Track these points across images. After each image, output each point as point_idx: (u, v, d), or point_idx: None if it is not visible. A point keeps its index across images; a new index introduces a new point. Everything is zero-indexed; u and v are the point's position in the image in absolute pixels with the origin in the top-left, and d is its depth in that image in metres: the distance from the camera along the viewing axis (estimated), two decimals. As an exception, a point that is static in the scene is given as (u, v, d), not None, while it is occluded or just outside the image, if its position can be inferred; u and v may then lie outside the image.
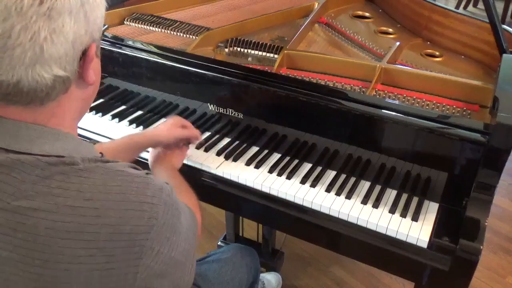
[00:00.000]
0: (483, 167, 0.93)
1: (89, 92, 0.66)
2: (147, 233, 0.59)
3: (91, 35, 0.60)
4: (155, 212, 0.60)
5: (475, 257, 0.88)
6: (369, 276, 1.83)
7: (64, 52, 0.56)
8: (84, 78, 0.62)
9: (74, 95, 0.62)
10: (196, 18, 1.52)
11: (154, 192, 0.61)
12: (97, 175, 0.59)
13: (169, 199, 0.64)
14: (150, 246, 0.60)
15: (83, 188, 0.58)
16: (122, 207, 0.58)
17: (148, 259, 0.60)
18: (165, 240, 0.62)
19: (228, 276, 1.13)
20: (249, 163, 1.15)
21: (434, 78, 1.15)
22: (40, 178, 0.57)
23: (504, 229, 2.08)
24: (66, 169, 0.58)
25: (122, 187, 0.60)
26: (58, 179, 0.57)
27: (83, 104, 0.67)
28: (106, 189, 0.59)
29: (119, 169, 0.62)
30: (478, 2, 4.70)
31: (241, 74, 1.14)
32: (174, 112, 1.30)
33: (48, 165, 0.58)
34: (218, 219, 2.08)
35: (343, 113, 1.06)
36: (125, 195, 0.59)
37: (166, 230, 0.62)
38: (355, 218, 1.00)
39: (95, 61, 0.63)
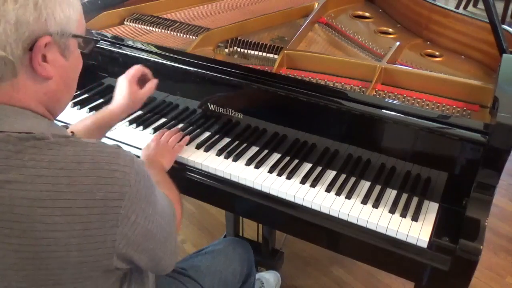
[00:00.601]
0: (483, 167, 0.93)
1: (51, 87, 0.67)
2: (120, 200, 0.61)
3: (43, 26, 0.61)
4: (127, 180, 0.62)
5: (475, 257, 0.88)
6: (369, 276, 1.83)
7: (3, 32, 0.57)
8: (34, 68, 0.62)
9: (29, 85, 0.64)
10: (196, 18, 1.52)
11: (125, 161, 0.63)
12: (68, 148, 0.61)
13: (140, 169, 0.65)
14: (125, 214, 0.62)
15: (55, 159, 0.59)
16: (95, 175, 0.60)
17: (125, 228, 0.62)
18: (140, 211, 0.64)
19: (221, 266, 1.13)
20: (249, 163, 1.15)
21: (434, 78, 1.15)
22: (12, 153, 0.59)
23: (504, 229, 2.08)
24: (38, 143, 0.60)
25: (94, 156, 0.61)
26: (31, 152, 0.59)
27: (48, 98, 0.67)
28: (78, 158, 0.60)
29: (90, 142, 0.64)
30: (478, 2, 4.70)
31: (241, 74, 1.14)
32: (174, 112, 1.30)
33: (19, 140, 0.60)
34: (218, 219, 2.08)
35: (343, 113, 1.06)
36: (97, 163, 0.61)
37: (140, 200, 0.64)
38: (355, 218, 1.00)
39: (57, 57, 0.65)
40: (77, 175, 0.59)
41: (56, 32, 0.63)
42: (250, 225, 1.72)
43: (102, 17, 1.44)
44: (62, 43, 0.65)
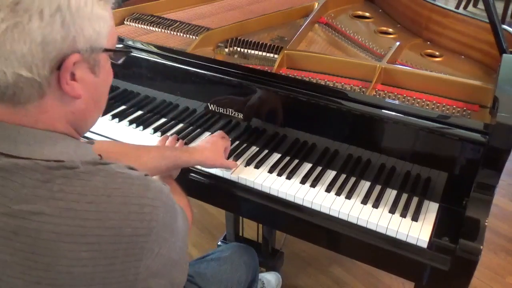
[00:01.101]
0: (483, 167, 0.93)
1: (79, 107, 0.63)
2: (147, 235, 0.59)
3: (71, 44, 0.56)
4: (155, 214, 0.60)
5: (475, 257, 0.88)
6: (369, 276, 1.83)
7: (29, 52, 0.54)
8: (62, 88, 0.59)
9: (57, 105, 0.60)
10: (196, 18, 1.52)
11: (154, 194, 0.61)
12: (98, 178, 0.59)
13: (168, 200, 0.64)
14: (150, 248, 0.60)
15: (84, 191, 0.57)
16: (124, 210, 0.58)
17: (148, 260, 0.60)
18: (164, 242, 0.62)
19: (227, 275, 1.13)
20: (249, 163, 1.15)
21: (434, 78, 1.15)
22: (41, 182, 0.56)
23: (504, 229, 2.08)
24: (67, 173, 0.58)
25: (123, 189, 0.59)
26: (59, 183, 0.57)
27: (75, 118, 0.64)
28: (107, 192, 0.58)
29: (119, 171, 0.61)
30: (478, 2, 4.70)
31: (241, 74, 1.14)
32: (174, 112, 1.30)
33: (48, 169, 0.57)
34: (218, 219, 2.08)
35: (343, 113, 1.06)
36: (127, 197, 0.59)
37: (165, 232, 0.62)
38: (355, 218, 1.00)
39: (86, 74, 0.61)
40: (107, 210, 0.57)
41: (85, 49, 0.58)
42: (250, 225, 1.72)
43: (102, 17, 1.44)
44: (91, 59, 0.61)
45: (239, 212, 1.45)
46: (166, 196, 0.64)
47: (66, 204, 0.56)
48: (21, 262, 0.56)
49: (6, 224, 0.56)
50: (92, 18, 0.58)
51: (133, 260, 0.59)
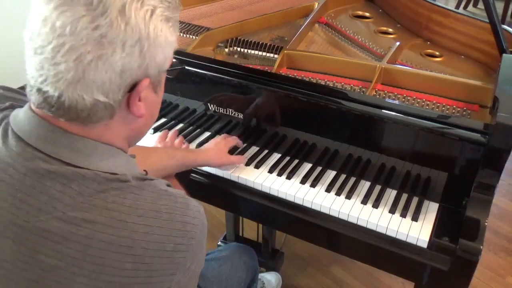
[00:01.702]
0: (483, 167, 0.93)
1: (139, 124, 0.66)
2: (185, 252, 0.62)
3: (145, 70, 0.59)
4: (194, 232, 0.63)
5: (475, 257, 0.88)
6: (369, 276, 1.83)
7: (109, 80, 0.56)
8: (131, 110, 0.62)
9: (121, 124, 0.63)
10: (196, 18, 1.52)
11: (194, 213, 0.64)
12: (147, 193, 0.61)
13: (204, 219, 0.67)
14: (184, 264, 0.62)
15: (136, 204, 0.59)
16: (169, 226, 0.60)
17: (180, 275, 0.63)
18: (195, 258, 0.65)
19: (227, 275, 1.13)
20: (249, 163, 1.15)
21: (434, 78, 1.15)
22: (97, 192, 0.58)
23: (504, 229, 2.08)
24: (120, 185, 0.60)
25: (169, 206, 0.62)
26: (113, 194, 0.59)
27: (133, 133, 0.67)
28: (155, 207, 0.61)
29: (163, 188, 0.64)
30: (478, 2, 4.70)
31: (241, 74, 1.14)
32: (174, 112, 1.30)
33: (105, 180, 0.59)
34: (218, 219, 2.08)
35: (343, 113, 1.06)
36: (172, 214, 0.61)
37: (198, 249, 0.65)
38: (355, 218, 1.00)
39: (149, 94, 0.64)
40: (154, 224, 0.59)
41: (155, 73, 0.62)
42: (250, 225, 1.72)
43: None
44: (156, 81, 0.64)
45: (239, 212, 1.45)
46: (203, 215, 0.67)
47: (118, 215, 0.58)
48: (66, 267, 0.57)
49: (58, 229, 0.57)
50: (164, 45, 0.60)
51: (169, 274, 0.61)
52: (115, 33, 0.54)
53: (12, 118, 0.62)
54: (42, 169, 0.58)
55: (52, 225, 0.57)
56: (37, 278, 0.58)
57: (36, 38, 0.55)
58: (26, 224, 0.58)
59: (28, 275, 0.58)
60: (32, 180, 0.58)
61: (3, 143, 0.61)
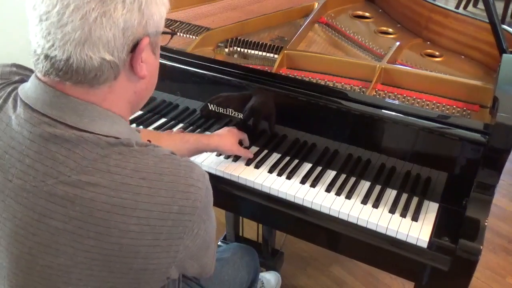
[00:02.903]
0: (483, 167, 0.93)
1: (142, 86, 0.68)
2: (191, 215, 0.63)
3: (144, 28, 0.61)
4: (199, 195, 0.64)
5: (475, 257, 0.88)
6: (369, 276, 1.83)
7: (113, 37, 0.58)
8: (134, 70, 0.64)
9: (125, 85, 0.65)
10: (196, 18, 1.52)
11: (198, 176, 0.65)
12: (149, 157, 0.63)
13: (209, 184, 0.68)
14: (191, 227, 0.64)
15: (138, 167, 0.61)
16: (173, 188, 0.62)
17: (188, 240, 0.64)
18: (202, 223, 0.66)
19: (229, 276, 1.14)
20: (249, 163, 1.15)
21: (434, 78, 1.15)
22: (100, 156, 0.60)
23: (504, 229, 2.08)
24: (123, 149, 0.62)
25: (172, 169, 0.63)
26: (116, 158, 0.61)
27: (135, 97, 0.68)
28: (159, 170, 0.62)
29: (166, 154, 0.65)
30: (478, 2, 4.70)
31: (241, 74, 1.14)
32: (174, 112, 1.30)
33: (108, 144, 0.61)
34: (218, 219, 2.07)
35: (343, 113, 1.06)
36: (175, 176, 0.63)
37: (204, 213, 0.66)
38: (355, 218, 1.00)
39: (149, 56, 0.66)
40: (157, 186, 0.61)
41: (152, 32, 0.63)
42: (250, 225, 1.72)
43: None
44: (154, 42, 0.66)
45: (239, 212, 1.45)
46: (208, 180, 0.67)
47: (121, 179, 0.60)
48: (73, 230, 0.59)
49: (64, 192, 0.59)
50: (158, 3, 0.63)
51: (176, 238, 0.62)
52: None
53: (21, 88, 0.65)
54: (48, 134, 0.60)
55: (58, 188, 0.59)
56: (47, 242, 0.60)
57: (40, 5, 0.57)
58: (34, 189, 0.60)
59: (38, 239, 0.60)
60: (38, 146, 0.60)
61: (13, 112, 0.63)
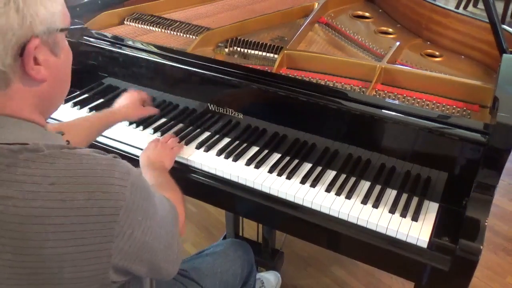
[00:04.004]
0: (483, 167, 0.93)
1: (46, 89, 0.64)
2: (115, 215, 0.59)
3: (29, 29, 0.57)
4: (122, 193, 0.60)
5: (475, 257, 0.88)
6: (369, 276, 1.83)
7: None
8: (28, 74, 0.60)
9: (23, 90, 0.61)
10: (196, 18, 1.52)
11: (121, 174, 0.61)
12: (62, 160, 0.59)
13: (137, 180, 0.63)
14: (120, 229, 0.60)
15: (48, 173, 0.57)
16: (89, 189, 0.58)
17: (121, 242, 0.60)
18: (136, 224, 0.62)
19: (222, 268, 1.14)
20: (249, 163, 1.15)
21: (434, 78, 1.15)
22: (4, 166, 0.57)
23: (504, 229, 2.08)
24: (30, 156, 0.58)
25: (88, 170, 0.59)
26: (22, 166, 0.57)
27: (42, 100, 0.65)
28: (71, 172, 0.58)
29: (85, 153, 0.61)
30: (478, 2, 4.70)
31: (241, 74, 1.14)
32: (174, 112, 1.30)
33: (11, 152, 0.57)
34: (218, 219, 2.08)
35: (343, 113, 1.06)
36: (91, 177, 0.59)
37: (136, 213, 0.62)
38: (355, 218, 1.00)
39: (47, 57, 0.62)
40: (69, 190, 0.57)
41: (43, 31, 0.59)
42: (250, 225, 1.72)
43: (102, 17, 1.44)
44: (50, 41, 0.62)
45: (239, 212, 1.45)
46: (135, 177, 0.63)
47: (28, 187, 0.56)
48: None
49: None
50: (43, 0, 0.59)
51: (104, 241, 0.59)
52: None
53: None
54: None
55: None
56: None
57: None
58: None
59: None
60: None
61: None
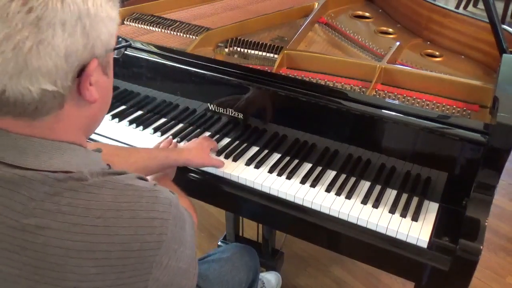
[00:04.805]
0: (483, 167, 0.93)
1: (94, 110, 0.63)
2: (157, 249, 0.59)
3: (91, 50, 0.56)
4: (165, 227, 0.59)
5: (475, 257, 0.88)
6: (369, 276, 1.83)
7: (54, 66, 0.52)
8: (83, 95, 0.58)
9: (73, 112, 0.59)
10: (196, 18, 1.52)
11: (164, 207, 0.60)
12: (106, 191, 0.58)
13: (177, 211, 0.63)
14: (159, 261, 0.59)
15: (92, 205, 0.56)
16: (133, 225, 0.57)
17: (157, 273, 0.60)
18: (173, 253, 0.61)
19: (228, 276, 1.13)
20: (249, 163, 1.15)
21: (434, 78, 1.15)
22: (48, 195, 0.55)
23: (504, 229, 2.08)
24: (74, 185, 0.57)
25: (132, 203, 0.58)
26: (67, 196, 0.56)
27: (89, 121, 0.64)
28: (116, 206, 0.57)
29: (128, 183, 0.60)
30: (478, 2, 4.70)
31: (241, 74, 1.14)
32: (174, 112, 1.30)
33: (56, 181, 0.56)
34: (218, 219, 2.08)
35: (343, 113, 1.06)
36: (135, 211, 0.58)
37: (174, 243, 0.61)
38: (355, 218, 1.00)
39: (100, 78, 0.60)
40: (115, 225, 0.56)
41: (102, 53, 0.58)
42: (250, 225, 1.72)
43: (102, 17, 1.44)
44: (105, 62, 0.60)
45: (239, 212, 1.45)
46: (175, 207, 0.62)
47: (73, 219, 0.55)
48: (28, 276, 0.55)
49: (14, 238, 0.55)
50: (106, 21, 0.57)
51: (143, 273, 0.58)
52: (52, 13, 0.50)
53: None
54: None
55: (7, 234, 0.55)
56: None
57: None
58: None
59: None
60: None
61: None
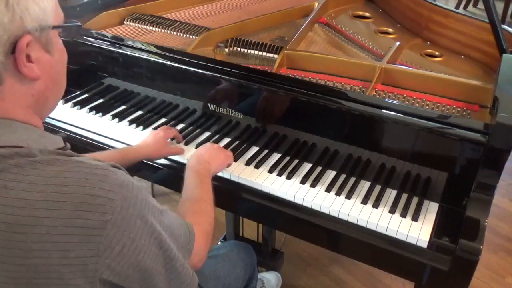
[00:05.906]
0: (483, 167, 0.93)
1: (40, 87, 0.63)
2: (101, 229, 0.56)
3: (20, 25, 0.57)
4: (109, 207, 0.57)
5: (475, 257, 0.88)
6: (369, 276, 1.83)
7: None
8: (22, 72, 0.59)
9: (16, 89, 0.60)
10: (196, 18, 1.52)
11: (111, 187, 0.58)
12: (53, 167, 0.57)
13: (131, 195, 0.60)
14: (108, 244, 0.57)
15: (37, 180, 0.56)
16: (75, 200, 0.56)
17: (108, 259, 0.57)
18: (128, 241, 0.59)
19: (224, 272, 1.13)
20: (249, 163, 1.15)
21: (434, 78, 1.15)
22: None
23: (504, 229, 2.08)
24: (21, 162, 0.57)
25: (78, 179, 0.57)
26: (13, 172, 0.56)
27: (36, 100, 0.64)
28: (60, 181, 0.57)
29: (80, 160, 0.60)
30: (478, 2, 4.70)
31: (241, 74, 1.14)
32: (174, 112, 1.30)
33: (2, 157, 0.57)
34: (218, 219, 2.08)
35: (343, 113, 1.06)
36: (80, 187, 0.57)
37: (127, 229, 0.59)
38: (355, 218, 1.00)
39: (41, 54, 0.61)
40: (58, 199, 0.55)
41: (34, 28, 0.59)
42: (250, 225, 1.72)
43: (102, 17, 1.44)
44: (43, 38, 0.61)
45: (239, 212, 1.45)
46: (128, 190, 0.60)
47: (16, 194, 0.55)
48: None
49: None
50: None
51: (89, 255, 0.56)
52: None
53: None
54: None
55: None
56: None
57: None
58: None
59: None
60: None
61: None
